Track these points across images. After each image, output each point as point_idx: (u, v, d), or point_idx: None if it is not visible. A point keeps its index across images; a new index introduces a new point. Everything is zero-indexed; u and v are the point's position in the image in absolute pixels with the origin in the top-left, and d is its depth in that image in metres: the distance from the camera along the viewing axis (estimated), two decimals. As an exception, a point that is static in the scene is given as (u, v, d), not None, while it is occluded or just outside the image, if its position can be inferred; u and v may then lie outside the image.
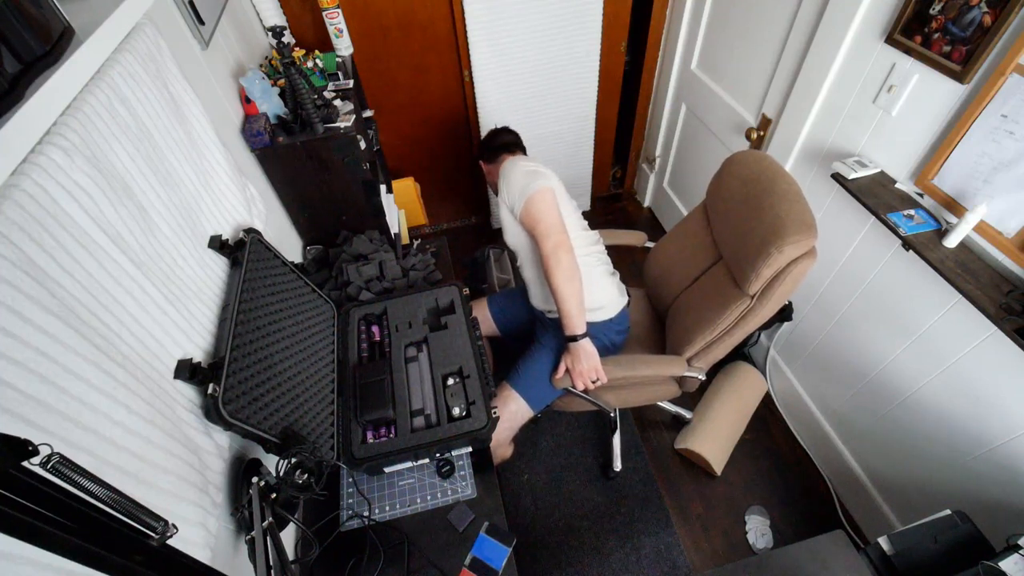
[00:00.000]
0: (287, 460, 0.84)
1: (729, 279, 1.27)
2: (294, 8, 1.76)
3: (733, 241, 1.25)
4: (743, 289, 1.19)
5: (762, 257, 1.10)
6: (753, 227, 1.16)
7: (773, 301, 1.15)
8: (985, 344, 1.12)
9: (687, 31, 2.05)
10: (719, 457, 1.76)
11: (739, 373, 1.94)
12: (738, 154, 1.34)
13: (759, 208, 1.17)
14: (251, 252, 1.01)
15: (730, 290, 1.24)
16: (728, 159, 1.35)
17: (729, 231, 1.28)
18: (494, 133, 1.59)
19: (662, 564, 1.61)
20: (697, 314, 1.31)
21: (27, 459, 0.39)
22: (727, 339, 1.27)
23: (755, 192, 1.21)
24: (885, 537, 1.05)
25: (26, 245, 0.51)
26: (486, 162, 1.59)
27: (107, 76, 0.69)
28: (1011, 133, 0.98)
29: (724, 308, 1.23)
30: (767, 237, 1.11)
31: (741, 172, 1.29)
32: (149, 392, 0.66)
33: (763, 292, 1.16)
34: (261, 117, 1.30)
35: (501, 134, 1.57)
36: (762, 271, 1.12)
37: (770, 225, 1.12)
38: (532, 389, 1.40)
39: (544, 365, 1.41)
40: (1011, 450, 1.12)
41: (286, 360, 1.02)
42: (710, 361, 1.34)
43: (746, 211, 1.21)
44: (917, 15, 1.10)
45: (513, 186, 1.32)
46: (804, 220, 1.09)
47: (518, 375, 1.43)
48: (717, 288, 1.29)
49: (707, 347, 1.30)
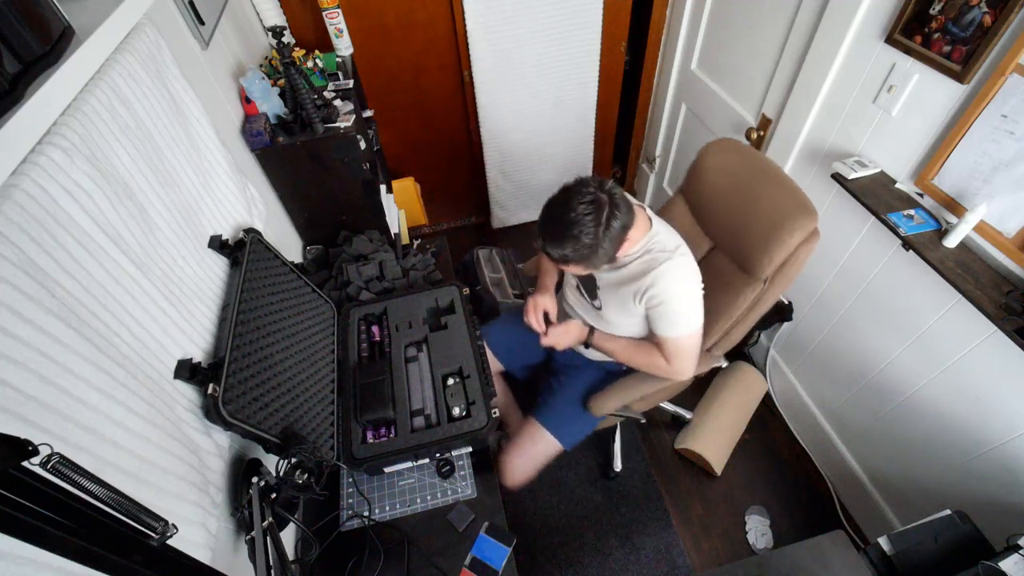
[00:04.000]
0: (287, 460, 0.84)
1: (733, 267, 1.28)
2: (294, 8, 1.76)
3: (732, 230, 1.26)
4: (753, 275, 1.21)
5: (774, 243, 1.13)
6: (754, 214, 1.19)
7: (783, 282, 1.19)
8: (985, 344, 1.12)
9: (687, 31, 2.05)
10: (719, 457, 1.76)
11: (739, 373, 1.94)
12: (711, 145, 1.34)
13: (754, 196, 1.20)
14: (251, 252, 1.01)
15: (738, 277, 1.26)
16: (702, 151, 1.35)
17: (725, 220, 1.29)
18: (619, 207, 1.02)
19: (662, 564, 1.61)
20: (707, 304, 1.31)
21: (27, 459, 0.39)
22: (742, 325, 1.29)
23: (744, 180, 1.24)
24: (885, 537, 1.05)
25: (26, 245, 0.51)
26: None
27: (107, 76, 0.69)
28: (1011, 133, 0.97)
29: (736, 295, 1.24)
30: (775, 223, 1.13)
31: (721, 163, 1.30)
32: (149, 392, 0.66)
33: (774, 275, 1.20)
34: (261, 117, 1.30)
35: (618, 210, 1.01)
36: (775, 256, 1.14)
37: (772, 211, 1.15)
38: (565, 426, 1.32)
39: (576, 398, 1.33)
40: (1011, 450, 1.12)
41: (286, 360, 1.02)
42: (729, 346, 1.35)
43: (740, 200, 1.23)
44: (917, 15, 1.10)
45: (680, 303, 1.11)
46: (804, 204, 1.12)
47: (548, 411, 1.33)
48: (722, 277, 1.29)
49: (725, 335, 1.31)
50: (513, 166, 2.46)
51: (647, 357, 1.20)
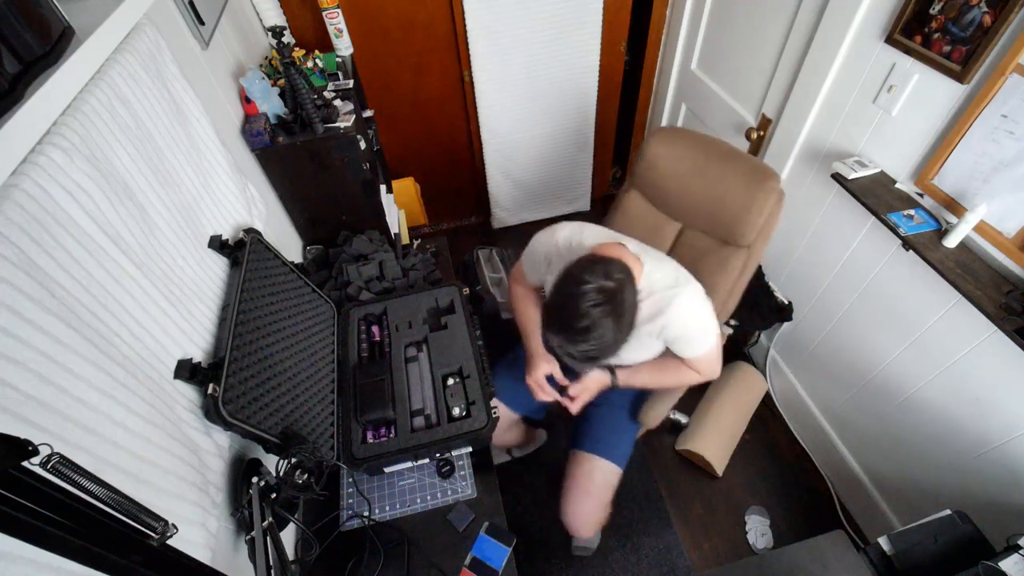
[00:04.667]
0: (287, 460, 0.84)
1: (713, 241, 1.31)
2: (294, 8, 1.76)
3: (705, 208, 1.29)
4: (736, 243, 1.27)
5: (753, 209, 1.19)
6: (724, 189, 1.24)
7: (764, 241, 1.27)
8: (985, 344, 1.12)
9: (687, 31, 2.05)
10: (720, 458, 1.76)
11: (739, 373, 1.94)
12: (653, 138, 1.35)
13: (719, 173, 1.25)
14: (251, 252, 1.01)
15: (722, 249, 1.29)
16: (643, 146, 1.37)
17: (694, 201, 1.32)
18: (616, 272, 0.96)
19: (662, 564, 1.61)
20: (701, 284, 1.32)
21: (27, 459, 0.39)
22: (736, 291, 1.32)
23: (701, 162, 1.28)
24: (885, 537, 1.05)
25: (26, 245, 0.51)
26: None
27: (107, 76, 0.69)
28: (1011, 133, 0.97)
29: (724, 266, 1.27)
30: (748, 191, 1.19)
31: (671, 152, 1.32)
32: (149, 392, 0.66)
33: (755, 238, 1.25)
34: (261, 117, 1.30)
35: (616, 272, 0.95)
36: (755, 220, 1.20)
37: (741, 182, 1.21)
38: (616, 448, 1.28)
39: (619, 419, 1.30)
40: (1011, 450, 1.12)
41: (286, 360, 1.02)
42: (726, 315, 1.36)
43: (705, 179, 1.27)
44: (917, 15, 1.10)
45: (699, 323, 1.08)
46: (765, 169, 1.20)
47: (596, 440, 1.28)
48: (702, 255, 1.32)
49: (723, 305, 1.33)
50: (513, 166, 2.46)
51: (677, 376, 1.19)
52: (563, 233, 1.15)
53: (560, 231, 1.16)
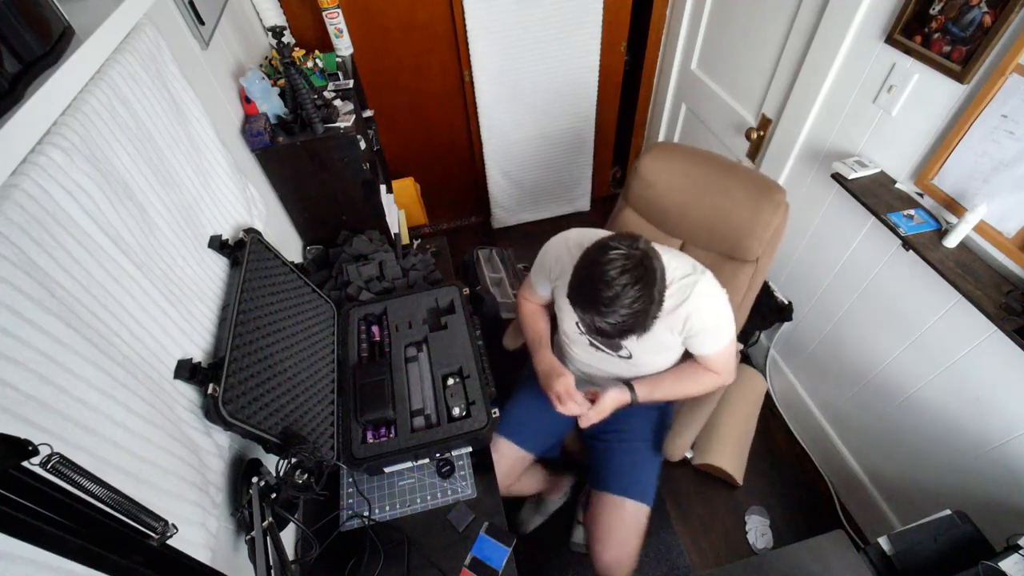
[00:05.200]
0: (287, 460, 0.84)
1: (717, 257, 1.31)
2: (294, 8, 1.76)
3: (707, 224, 1.28)
4: (742, 258, 1.26)
5: (760, 223, 1.18)
6: (729, 204, 1.22)
7: (770, 255, 1.26)
8: (985, 344, 1.12)
9: (687, 31, 2.05)
10: (739, 467, 1.73)
11: (739, 375, 1.93)
12: (647, 155, 1.33)
13: (722, 187, 1.23)
14: (251, 252, 1.01)
15: (727, 264, 1.29)
16: (637, 164, 1.34)
17: (695, 217, 1.30)
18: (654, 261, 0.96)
19: (662, 564, 1.61)
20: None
21: (27, 459, 0.39)
22: (744, 306, 1.32)
23: (702, 177, 1.26)
24: (885, 537, 1.05)
25: (26, 245, 0.51)
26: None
27: (107, 76, 0.69)
28: (1011, 133, 0.97)
29: (732, 281, 1.26)
30: (755, 205, 1.18)
31: (668, 168, 1.31)
32: (149, 392, 0.66)
33: (762, 252, 1.25)
34: (261, 117, 1.30)
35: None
36: (762, 234, 1.20)
37: (746, 196, 1.20)
38: (640, 484, 1.23)
39: (640, 451, 1.25)
40: (1011, 450, 1.12)
41: (286, 360, 1.02)
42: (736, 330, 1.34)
43: (707, 195, 1.26)
44: (917, 15, 1.10)
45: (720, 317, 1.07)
46: (769, 183, 1.20)
47: (620, 478, 1.23)
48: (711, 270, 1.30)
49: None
50: (513, 166, 2.46)
51: (695, 382, 1.16)
52: (573, 234, 1.18)
53: (570, 232, 1.19)
